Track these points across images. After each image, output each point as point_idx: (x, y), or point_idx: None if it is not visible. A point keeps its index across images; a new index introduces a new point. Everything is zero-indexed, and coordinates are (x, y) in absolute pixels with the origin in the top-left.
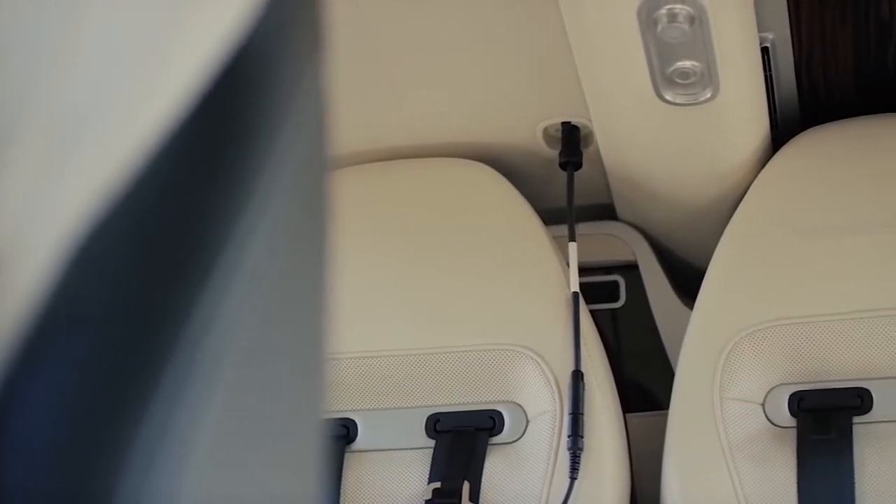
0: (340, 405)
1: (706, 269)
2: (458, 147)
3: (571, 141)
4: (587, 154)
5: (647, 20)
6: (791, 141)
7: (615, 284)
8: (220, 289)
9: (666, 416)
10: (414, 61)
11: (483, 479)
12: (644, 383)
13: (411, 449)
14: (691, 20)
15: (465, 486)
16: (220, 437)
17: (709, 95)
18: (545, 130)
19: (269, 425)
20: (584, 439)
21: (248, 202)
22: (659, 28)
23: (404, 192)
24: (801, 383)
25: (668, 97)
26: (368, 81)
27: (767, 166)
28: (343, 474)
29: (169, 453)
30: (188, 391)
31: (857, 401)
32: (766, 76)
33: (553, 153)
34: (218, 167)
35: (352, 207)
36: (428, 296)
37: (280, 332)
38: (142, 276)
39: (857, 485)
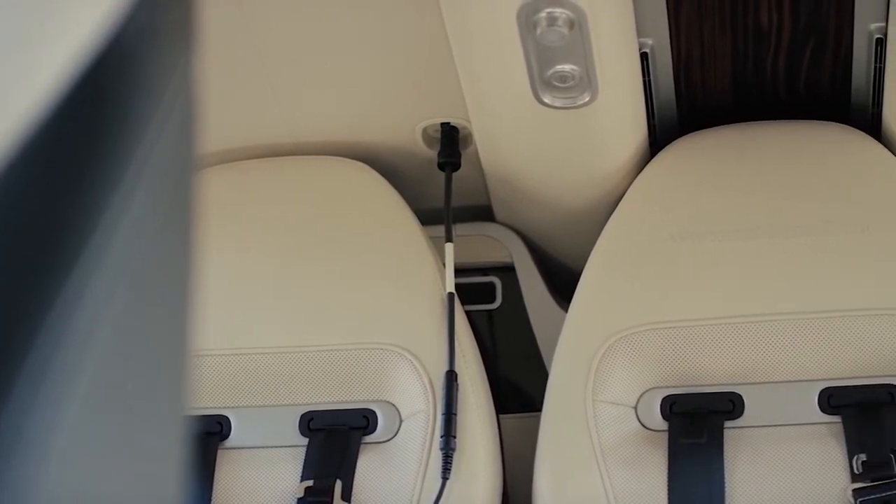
0: (214, 402)
1: (583, 271)
2: (337, 146)
3: (450, 142)
4: (466, 155)
5: (527, 23)
6: (668, 147)
7: (491, 286)
8: (83, 278)
9: (539, 417)
10: (294, 60)
11: (356, 478)
12: (518, 384)
13: (284, 447)
14: (571, 24)
15: (338, 485)
16: (82, 432)
17: (587, 99)
18: (425, 131)
19: (131, 419)
20: (457, 439)
21: (113, 193)
22: (538, 31)
23: (282, 190)
24: (673, 387)
25: (546, 100)
26: (249, 80)
27: (644, 171)
28: (216, 471)
29: (27, 449)
30: (49, 381)
31: (729, 405)
32: (644, 81)
33: (432, 153)
34: (84, 157)
35: (229, 204)
36: (303, 294)
37: (145, 323)
38: (4, 262)
39: (727, 488)
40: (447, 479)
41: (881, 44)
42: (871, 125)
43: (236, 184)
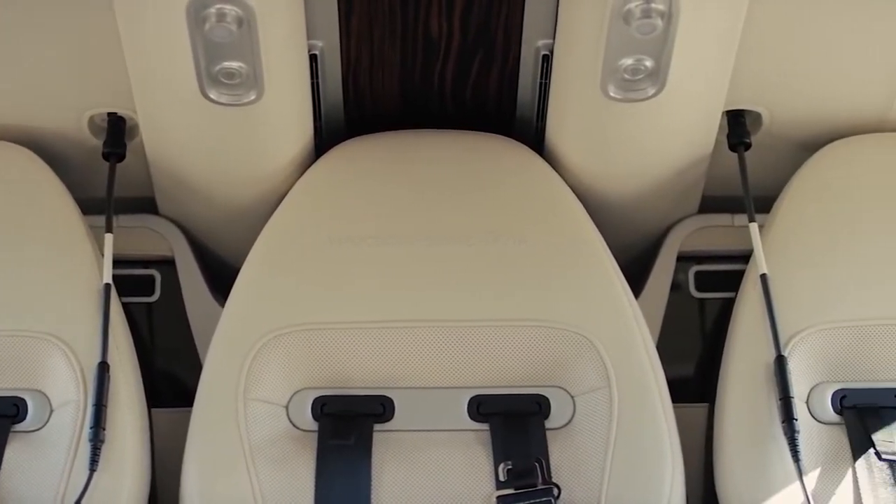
0: None
1: (241, 269)
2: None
3: (116, 132)
4: (132, 146)
5: (196, 18)
6: (332, 150)
7: (151, 278)
8: None
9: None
10: None
11: (3, 467)
12: (174, 379)
13: None
14: (240, 21)
15: None
16: None
17: (253, 97)
18: (91, 119)
19: None
20: (107, 431)
21: None
22: (207, 27)
23: None
24: (325, 388)
25: (212, 96)
26: None
27: (307, 173)
28: None
29: None
30: None
31: (379, 409)
32: (313, 83)
33: (98, 143)
34: None
35: None
36: None
37: None
38: None
39: (374, 489)
40: (94, 470)
41: (547, 60)
42: (535, 139)
43: None
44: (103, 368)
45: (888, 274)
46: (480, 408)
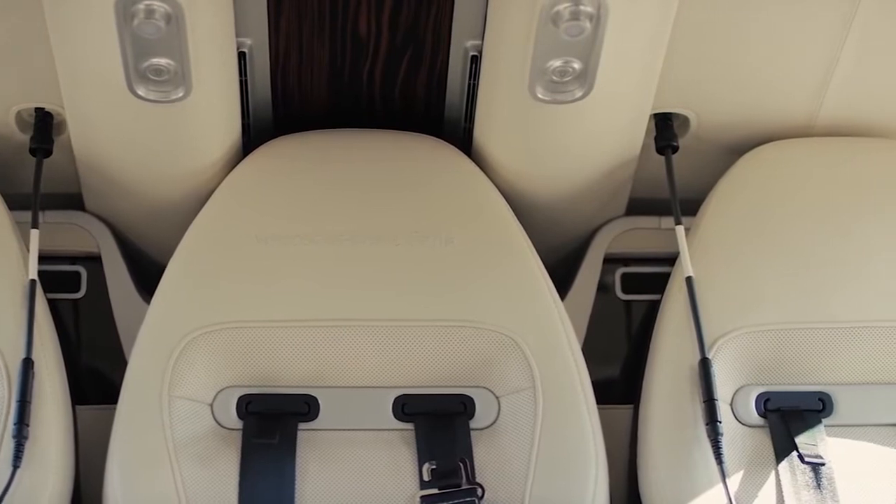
0: None
1: (167, 266)
2: None
3: (43, 127)
4: (59, 142)
5: (125, 14)
6: (259, 148)
7: (77, 275)
8: None
9: None
10: None
11: None
12: (100, 376)
13: None
14: (168, 18)
15: None
16: None
17: (181, 94)
18: (18, 114)
19: None
20: (31, 428)
21: None
22: (135, 23)
23: None
24: (250, 386)
25: (140, 92)
26: None
27: (234, 171)
28: None
29: None
30: None
31: (304, 408)
32: (241, 81)
33: (25, 138)
34: None
35: None
36: None
37: None
38: None
39: (298, 488)
40: (18, 467)
41: (476, 61)
42: (463, 140)
43: None
44: (27, 365)
45: (812, 277)
46: (405, 407)
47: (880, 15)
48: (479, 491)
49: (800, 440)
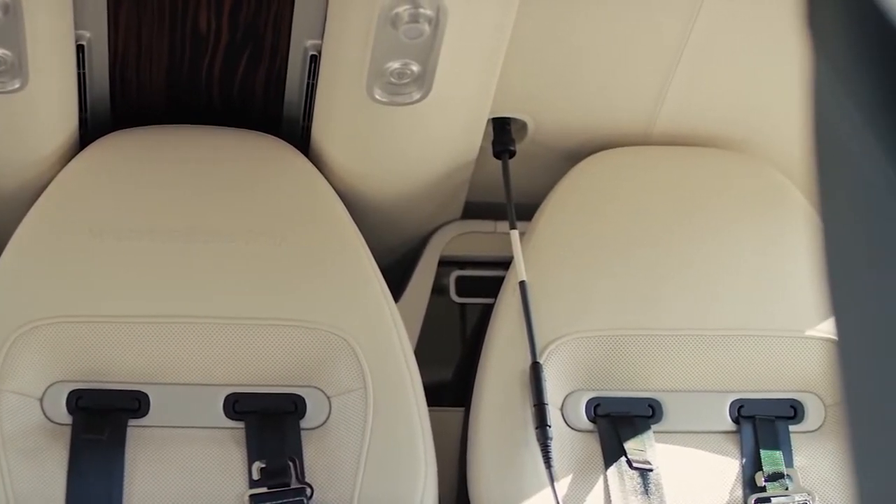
0: None
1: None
2: None
3: None
4: None
5: None
6: (96, 141)
7: None
8: None
9: None
10: None
11: None
12: None
13: None
14: (6, 9)
15: None
16: None
17: (17, 86)
18: None
19: None
20: None
21: None
22: None
23: None
24: (81, 381)
25: None
26: None
27: (70, 164)
28: None
29: None
30: None
31: (135, 404)
32: (79, 74)
33: None
34: None
35: None
36: None
37: None
38: None
39: (126, 485)
40: None
41: (315, 60)
42: (301, 139)
43: None
44: None
45: (643, 284)
46: (236, 406)
47: (719, 26)
48: (308, 490)
49: (629, 446)
